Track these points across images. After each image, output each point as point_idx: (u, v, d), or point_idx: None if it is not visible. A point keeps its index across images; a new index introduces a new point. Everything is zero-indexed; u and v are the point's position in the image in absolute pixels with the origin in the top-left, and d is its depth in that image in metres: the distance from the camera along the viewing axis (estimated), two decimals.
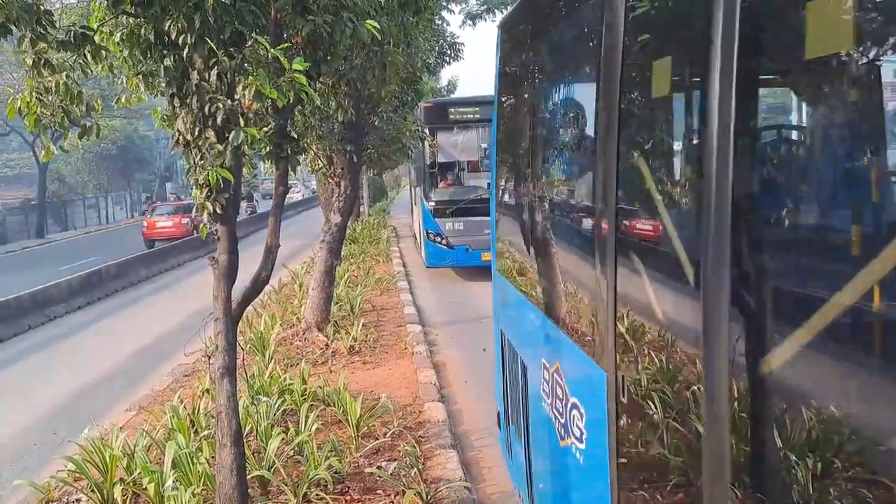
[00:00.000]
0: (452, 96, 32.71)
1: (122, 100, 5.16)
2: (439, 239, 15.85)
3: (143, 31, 4.27)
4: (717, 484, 1.93)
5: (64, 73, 4.16)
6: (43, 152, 4.77)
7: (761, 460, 1.86)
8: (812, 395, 1.74)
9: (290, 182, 6.34)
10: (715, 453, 1.94)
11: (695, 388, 2.10)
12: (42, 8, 3.99)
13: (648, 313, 2.53)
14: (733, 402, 1.89)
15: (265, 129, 4.80)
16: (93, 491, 5.93)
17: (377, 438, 6.87)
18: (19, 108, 4.18)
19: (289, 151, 5.09)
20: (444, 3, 18.59)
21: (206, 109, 4.25)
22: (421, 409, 7.90)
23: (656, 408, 2.36)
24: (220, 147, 4.33)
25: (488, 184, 11.42)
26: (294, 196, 47.10)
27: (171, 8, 4.05)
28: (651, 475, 2.51)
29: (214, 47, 4.12)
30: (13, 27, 3.89)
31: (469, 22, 22.74)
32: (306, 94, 4.25)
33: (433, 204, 15.99)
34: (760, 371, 1.83)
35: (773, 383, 1.81)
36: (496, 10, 21.80)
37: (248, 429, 6.59)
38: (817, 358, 1.69)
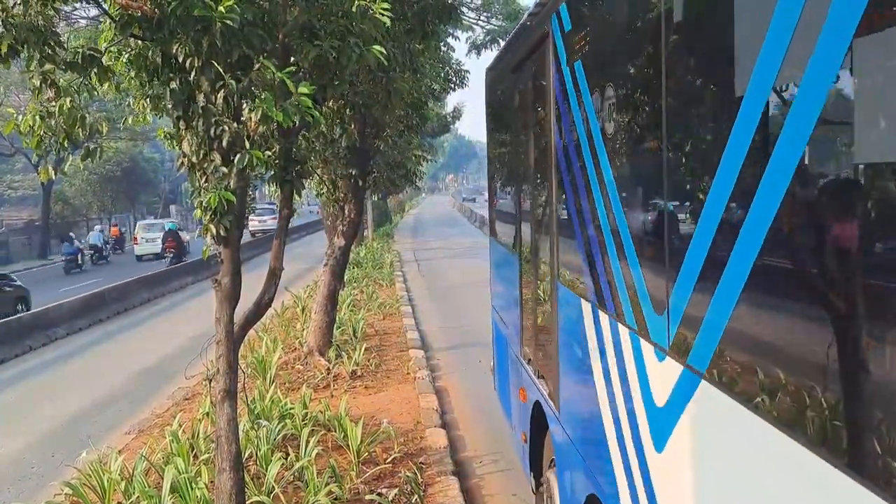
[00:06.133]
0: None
1: (129, 121, 5.19)
2: None
3: (150, 53, 4.30)
4: None
5: (68, 99, 4.18)
6: (41, 172, 4.79)
7: None
8: None
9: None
10: None
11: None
12: (50, 29, 4.02)
13: None
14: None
15: (270, 152, 4.82)
16: None
17: (378, 464, 6.80)
18: (21, 128, 4.20)
19: (294, 174, 5.10)
20: (450, 31, 18.78)
21: (213, 132, 4.26)
22: (422, 434, 7.83)
23: None
24: (225, 170, 4.34)
25: None
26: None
27: (179, 31, 4.08)
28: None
29: (221, 70, 4.14)
30: (21, 48, 3.92)
31: (474, 52, 23.08)
32: (312, 117, 4.26)
33: None
34: None
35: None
36: (500, 41, 22.01)
37: (247, 453, 6.53)
38: None
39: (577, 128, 3.69)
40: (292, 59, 4.96)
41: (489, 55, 25.87)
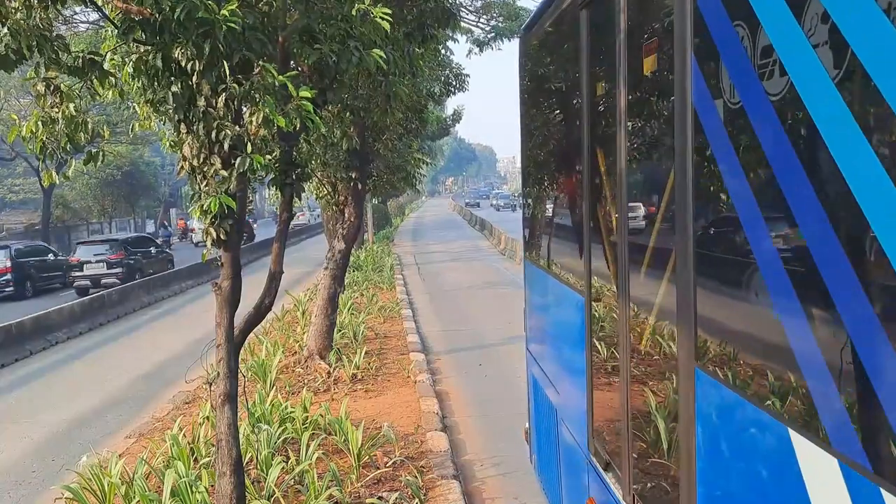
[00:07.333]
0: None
1: (136, 128, 5.20)
2: None
3: (151, 57, 4.30)
4: None
5: (71, 105, 4.19)
6: (44, 176, 4.81)
7: None
8: None
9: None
10: None
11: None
12: (55, 34, 4.03)
13: None
14: None
15: (270, 156, 4.82)
16: None
17: (378, 468, 6.80)
18: (23, 135, 4.20)
19: (294, 178, 5.11)
20: (450, 34, 18.77)
21: (213, 136, 4.27)
22: (423, 438, 7.82)
23: None
24: (226, 173, 4.34)
25: None
26: (299, 219, 47.41)
27: (181, 36, 4.09)
28: None
29: (222, 74, 4.14)
30: (27, 54, 3.93)
31: (476, 50, 22.45)
32: (312, 121, 4.27)
33: None
34: None
35: None
36: (503, 39, 21.75)
37: (248, 457, 6.53)
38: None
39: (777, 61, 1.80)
40: (292, 62, 4.96)
41: (491, 55, 25.54)
